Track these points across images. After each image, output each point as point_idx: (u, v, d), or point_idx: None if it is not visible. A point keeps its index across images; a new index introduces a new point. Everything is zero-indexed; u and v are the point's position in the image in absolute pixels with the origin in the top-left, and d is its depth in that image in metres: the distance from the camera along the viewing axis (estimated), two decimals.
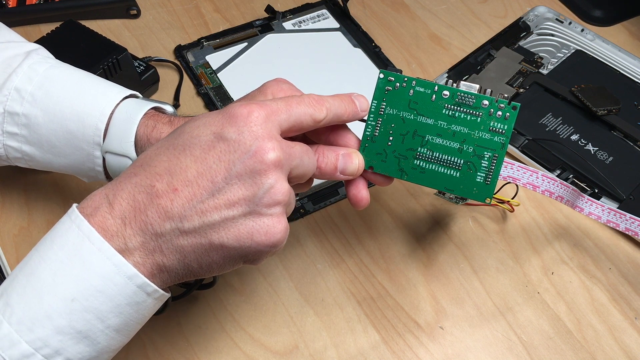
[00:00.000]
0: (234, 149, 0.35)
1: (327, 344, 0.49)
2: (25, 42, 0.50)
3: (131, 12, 0.71)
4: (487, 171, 0.43)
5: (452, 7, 0.75)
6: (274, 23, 0.71)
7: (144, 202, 0.35)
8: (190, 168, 0.36)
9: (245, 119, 0.36)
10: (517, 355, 0.49)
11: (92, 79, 0.48)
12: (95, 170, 0.47)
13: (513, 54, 0.68)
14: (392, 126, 0.43)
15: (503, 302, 0.51)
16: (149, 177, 0.36)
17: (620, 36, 0.72)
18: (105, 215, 0.35)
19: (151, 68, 0.63)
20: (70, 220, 0.36)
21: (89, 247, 0.35)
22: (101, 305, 0.35)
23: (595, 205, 0.50)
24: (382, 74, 0.43)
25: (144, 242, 0.35)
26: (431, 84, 0.43)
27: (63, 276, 0.35)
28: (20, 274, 0.36)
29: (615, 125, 0.61)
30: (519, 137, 0.61)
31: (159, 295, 0.37)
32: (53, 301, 0.34)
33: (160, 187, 0.35)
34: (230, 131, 0.36)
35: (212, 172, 0.35)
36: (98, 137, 0.45)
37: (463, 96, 0.42)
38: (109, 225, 0.35)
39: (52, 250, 0.36)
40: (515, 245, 0.55)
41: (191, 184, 0.35)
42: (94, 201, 0.36)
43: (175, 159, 0.36)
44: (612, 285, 0.53)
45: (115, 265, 0.35)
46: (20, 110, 0.46)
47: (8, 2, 0.68)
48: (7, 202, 0.55)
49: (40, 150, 0.47)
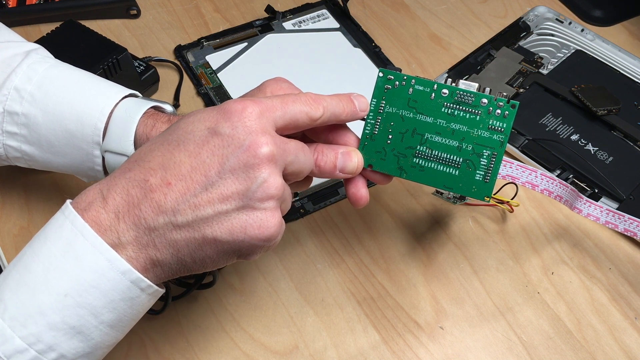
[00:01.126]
0: (228, 144, 0.36)
1: (327, 344, 0.49)
2: (25, 42, 0.50)
3: (131, 12, 0.71)
4: (486, 169, 0.43)
5: (452, 7, 0.75)
6: (274, 23, 0.71)
7: (137, 197, 0.35)
8: (184, 163, 0.36)
9: (239, 114, 0.36)
10: (517, 355, 0.49)
11: (92, 78, 0.48)
12: (95, 169, 0.47)
13: (513, 54, 0.68)
14: (392, 124, 0.43)
15: (503, 302, 0.51)
16: (143, 172, 0.36)
17: (620, 36, 0.72)
18: (98, 210, 0.35)
19: (151, 68, 0.63)
20: (64, 216, 0.36)
21: (82, 242, 0.35)
22: (95, 301, 0.35)
23: (594, 206, 0.50)
24: (382, 73, 0.43)
25: (137, 236, 0.35)
26: (430, 82, 0.43)
27: (56, 271, 0.35)
28: (13, 270, 0.36)
29: (615, 125, 0.61)
30: (518, 137, 0.61)
31: (153, 290, 0.37)
32: (46, 297, 0.34)
33: (154, 181, 0.35)
34: (224, 126, 0.36)
35: (206, 167, 0.35)
36: (97, 137, 0.45)
37: (462, 94, 0.42)
38: (102, 219, 0.35)
39: (46, 246, 0.36)
40: (515, 245, 0.55)
41: (185, 179, 0.35)
42: (87, 196, 0.36)
43: (169, 153, 0.36)
44: (612, 285, 0.53)
45: (108, 261, 0.35)
46: (19, 109, 0.46)
47: (8, 2, 0.68)
48: (7, 202, 0.55)
49: (39, 149, 0.47)
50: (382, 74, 0.43)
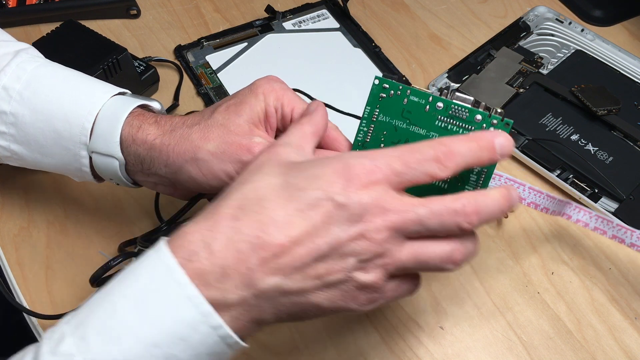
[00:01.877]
0: (344, 217, 0.33)
1: (327, 344, 0.49)
2: (15, 42, 0.50)
3: (131, 12, 0.71)
4: (475, 185, 0.41)
5: (452, 7, 0.75)
6: (274, 23, 0.71)
7: (247, 253, 0.33)
8: (298, 225, 0.33)
9: (362, 181, 0.33)
10: (517, 355, 0.49)
11: (81, 77, 0.47)
12: (82, 170, 0.46)
13: (513, 54, 0.68)
14: (384, 133, 0.42)
15: (503, 302, 0.51)
16: (254, 226, 0.33)
17: (620, 36, 0.72)
18: (203, 262, 0.33)
19: (151, 68, 0.63)
20: (159, 259, 0.34)
21: (178, 293, 0.33)
22: (181, 353, 0.33)
23: (583, 212, 0.50)
24: (377, 80, 0.42)
25: (245, 298, 0.33)
26: (426, 94, 0.42)
27: (145, 319, 0.33)
28: (99, 308, 0.34)
29: (615, 125, 0.61)
30: (519, 137, 0.61)
31: (239, 347, 0.35)
32: (132, 344, 0.32)
33: (267, 239, 0.33)
34: (344, 195, 0.33)
35: (318, 235, 0.33)
36: (85, 137, 0.44)
37: (457, 109, 0.41)
38: (207, 274, 0.33)
39: (137, 288, 0.34)
40: (515, 245, 0.55)
41: (297, 244, 0.33)
42: (188, 242, 0.34)
43: (281, 210, 0.33)
44: (612, 285, 0.53)
45: (202, 315, 0.33)
46: (7, 108, 0.45)
47: (8, 2, 0.68)
48: (7, 202, 0.55)
49: (28, 149, 0.46)
50: (377, 82, 0.42)
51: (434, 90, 0.65)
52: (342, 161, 0.34)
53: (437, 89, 0.65)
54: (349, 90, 0.65)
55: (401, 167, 0.34)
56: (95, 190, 0.56)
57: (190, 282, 0.33)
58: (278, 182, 0.35)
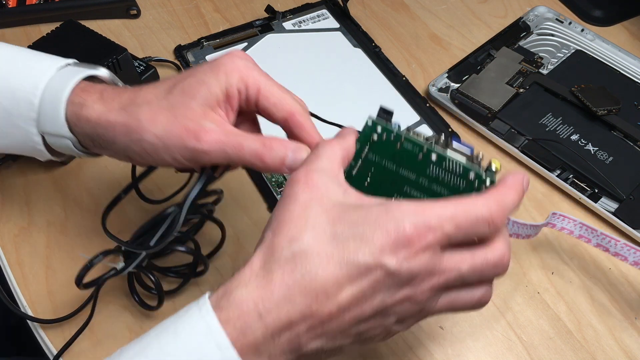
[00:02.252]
0: (392, 283, 0.33)
1: None
2: None
3: (131, 12, 0.71)
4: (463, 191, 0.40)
5: (452, 7, 0.75)
6: (274, 23, 0.71)
7: (297, 323, 0.33)
8: (348, 292, 0.33)
9: (415, 247, 0.33)
10: (517, 355, 0.49)
11: (28, 52, 0.44)
12: (37, 149, 0.44)
13: (513, 54, 0.68)
14: (372, 170, 0.41)
15: (503, 302, 0.51)
16: (306, 295, 0.33)
17: (620, 36, 0.72)
18: (256, 335, 0.32)
19: (151, 68, 0.63)
20: (201, 317, 0.33)
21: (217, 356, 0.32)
22: None
23: (567, 220, 0.50)
24: (371, 122, 0.40)
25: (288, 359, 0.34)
26: (420, 144, 0.39)
27: None
28: None
29: (615, 125, 0.61)
30: (519, 137, 0.61)
31: None
32: None
33: (318, 309, 0.33)
34: (395, 263, 0.32)
35: (366, 302, 0.33)
36: (33, 112, 0.42)
37: (450, 163, 0.39)
38: (259, 344, 0.33)
39: (175, 346, 0.33)
40: (516, 245, 0.55)
41: (345, 311, 0.33)
42: (243, 314, 0.33)
43: (332, 277, 0.33)
44: (612, 285, 0.53)
45: None
46: None
47: (8, 2, 0.68)
48: (7, 202, 0.55)
49: None
50: (371, 124, 0.40)
51: (434, 91, 0.65)
52: (393, 220, 0.33)
53: (437, 89, 0.65)
54: (349, 91, 0.65)
55: (454, 230, 0.33)
56: (95, 190, 0.56)
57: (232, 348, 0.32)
58: (327, 239, 0.33)
